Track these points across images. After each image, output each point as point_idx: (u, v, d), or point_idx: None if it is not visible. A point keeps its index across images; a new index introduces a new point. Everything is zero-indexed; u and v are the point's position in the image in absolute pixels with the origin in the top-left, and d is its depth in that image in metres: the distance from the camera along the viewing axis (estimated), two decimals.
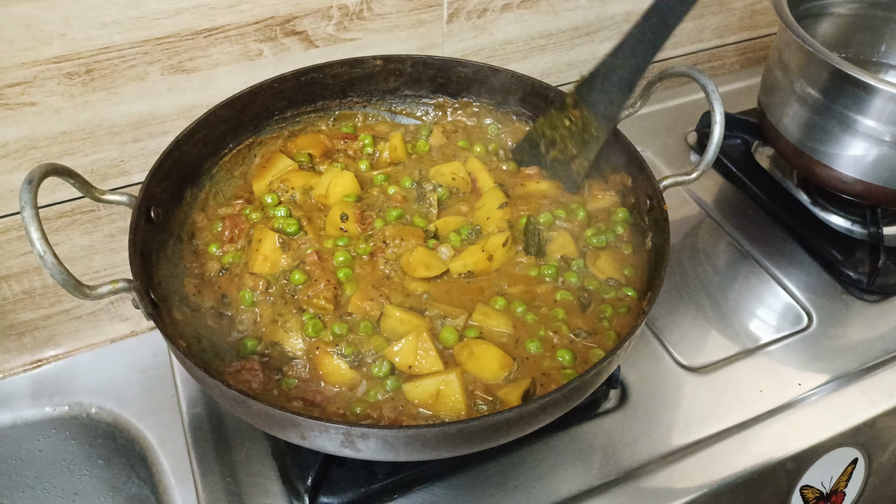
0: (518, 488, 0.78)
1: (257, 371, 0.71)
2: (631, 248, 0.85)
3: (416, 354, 0.72)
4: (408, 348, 0.72)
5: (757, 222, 1.09)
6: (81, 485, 1.08)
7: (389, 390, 0.71)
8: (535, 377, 0.72)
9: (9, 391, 1.01)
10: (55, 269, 0.60)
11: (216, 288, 0.79)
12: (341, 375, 0.72)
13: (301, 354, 0.74)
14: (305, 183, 0.89)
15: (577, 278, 0.81)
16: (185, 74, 0.92)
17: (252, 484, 0.77)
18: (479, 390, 0.70)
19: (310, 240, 0.82)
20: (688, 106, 1.26)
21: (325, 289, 0.77)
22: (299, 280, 0.78)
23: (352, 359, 0.73)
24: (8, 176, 0.89)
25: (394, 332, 0.74)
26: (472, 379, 0.71)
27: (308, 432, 0.61)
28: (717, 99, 0.77)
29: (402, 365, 0.72)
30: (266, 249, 0.80)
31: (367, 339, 0.74)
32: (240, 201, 0.88)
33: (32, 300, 1.01)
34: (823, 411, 0.87)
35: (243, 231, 0.84)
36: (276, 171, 0.90)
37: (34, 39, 0.81)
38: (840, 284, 1.01)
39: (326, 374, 0.72)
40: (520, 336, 0.75)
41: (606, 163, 0.90)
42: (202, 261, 0.82)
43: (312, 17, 0.95)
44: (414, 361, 0.72)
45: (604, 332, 0.76)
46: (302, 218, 0.84)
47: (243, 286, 0.78)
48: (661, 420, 0.85)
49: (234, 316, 0.77)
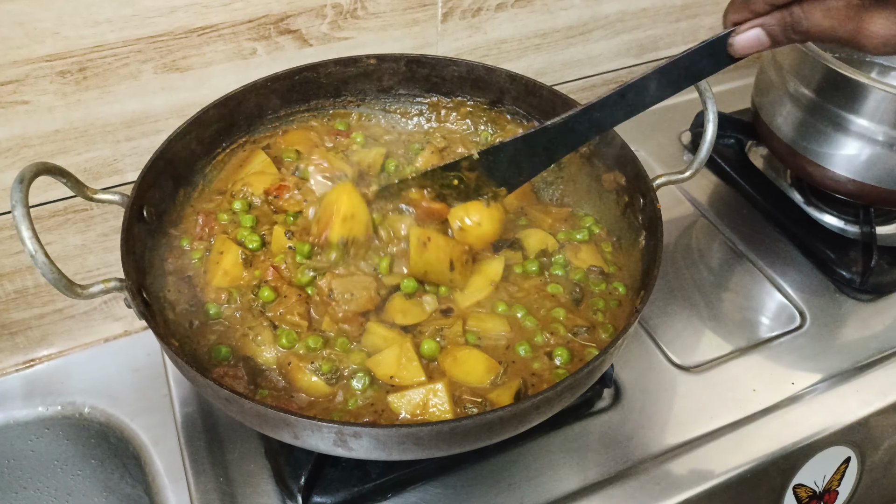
0: (512, 487, 0.78)
1: (241, 377, 0.71)
2: (611, 246, 0.85)
3: (399, 364, 0.71)
4: (391, 358, 0.71)
5: (751, 222, 1.09)
6: (75, 485, 1.08)
7: (369, 398, 0.70)
8: (526, 378, 0.72)
9: (1, 391, 1.00)
10: (46, 268, 0.60)
11: (186, 291, 0.78)
12: (317, 389, 0.71)
13: (275, 367, 0.72)
14: (269, 187, 0.86)
15: (562, 270, 0.81)
16: (178, 73, 0.91)
17: (245, 483, 0.77)
18: (466, 394, 0.70)
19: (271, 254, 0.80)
20: (681, 105, 1.26)
21: (296, 303, 0.75)
22: (268, 297, 0.75)
23: (329, 376, 0.71)
24: (0, 175, 0.89)
25: (375, 348, 0.73)
26: (458, 385, 0.71)
27: (300, 431, 0.61)
28: (710, 98, 0.77)
29: (384, 375, 0.71)
30: (227, 263, 0.77)
31: (346, 355, 0.73)
32: (220, 196, 0.86)
33: (25, 299, 1.00)
34: (817, 410, 0.87)
35: (213, 231, 0.82)
36: (251, 169, 0.88)
37: (27, 37, 0.81)
38: (833, 284, 1.01)
39: (302, 387, 0.71)
40: (516, 339, 0.75)
41: (600, 161, 0.90)
42: (175, 256, 0.80)
43: (306, 15, 0.95)
44: (397, 372, 0.71)
45: (600, 325, 0.77)
46: (267, 233, 0.81)
47: (207, 298, 0.76)
48: (655, 419, 0.85)
49: (203, 323, 0.76)
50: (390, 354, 0.71)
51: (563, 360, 0.73)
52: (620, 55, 1.25)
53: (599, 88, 1.26)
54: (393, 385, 0.71)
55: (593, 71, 1.24)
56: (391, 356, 0.71)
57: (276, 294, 0.75)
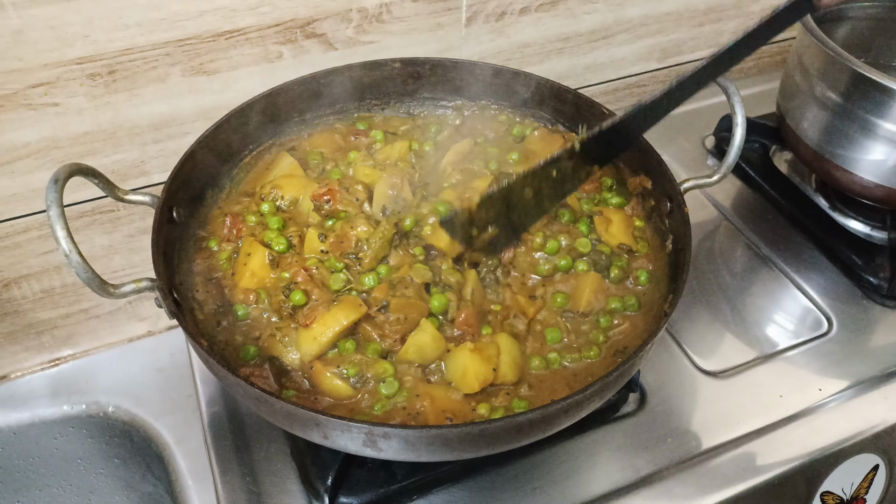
0: (537, 491, 0.78)
1: (267, 377, 0.71)
2: (642, 221, 0.86)
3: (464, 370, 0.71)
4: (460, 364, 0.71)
5: (775, 226, 1.08)
6: (97, 483, 1.09)
7: (400, 402, 0.70)
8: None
9: (27, 389, 1.02)
10: (80, 267, 0.60)
11: (214, 292, 0.78)
12: (341, 392, 0.70)
13: (299, 368, 0.72)
14: (299, 192, 0.86)
15: (588, 246, 0.82)
16: (205, 76, 0.92)
17: (271, 483, 0.78)
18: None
19: (299, 257, 0.79)
20: (705, 110, 1.25)
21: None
22: (300, 301, 0.75)
23: (355, 380, 0.71)
24: (30, 176, 0.90)
25: (421, 349, 0.72)
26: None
27: (330, 431, 0.61)
28: (738, 102, 0.77)
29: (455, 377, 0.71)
30: (254, 265, 0.78)
31: (374, 362, 0.72)
32: (248, 198, 0.87)
33: (52, 299, 1.01)
34: (844, 417, 0.86)
35: (240, 233, 0.82)
36: (278, 171, 0.89)
37: (58, 41, 0.82)
38: (860, 289, 1.00)
39: (326, 390, 0.71)
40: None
41: (625, 165, 0.90)
42: (203, 257, 0.81)
43: (332, 19, 0.95)
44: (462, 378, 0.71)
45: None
46: (294, 234, 0.81)
47: (235, 299, 0.77)
48: (681, 424, 0.84)
49: (231, 323, 0.76)
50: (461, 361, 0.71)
51: (594, 356, 0.74)
52: (643, 59, 1.24)
53: (622, 92, 1.26)
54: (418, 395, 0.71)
55: (616, 75, 1.24)
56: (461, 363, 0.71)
57: (307, 298, 0.75)
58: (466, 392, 0.70)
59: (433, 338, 0.72)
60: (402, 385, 0.71)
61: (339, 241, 0.79)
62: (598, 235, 0.85)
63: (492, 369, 0.71)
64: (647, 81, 1.28)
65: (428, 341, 0.72)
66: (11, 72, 0.81)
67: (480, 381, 0.70)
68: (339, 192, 0.83)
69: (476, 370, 0.70)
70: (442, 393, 0.70)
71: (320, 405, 0.70)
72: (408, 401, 0.69)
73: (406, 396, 0.70)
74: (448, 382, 0.72)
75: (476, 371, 0.70)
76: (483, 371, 0.70)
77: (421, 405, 0.69)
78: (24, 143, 0.87)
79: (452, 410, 0.69)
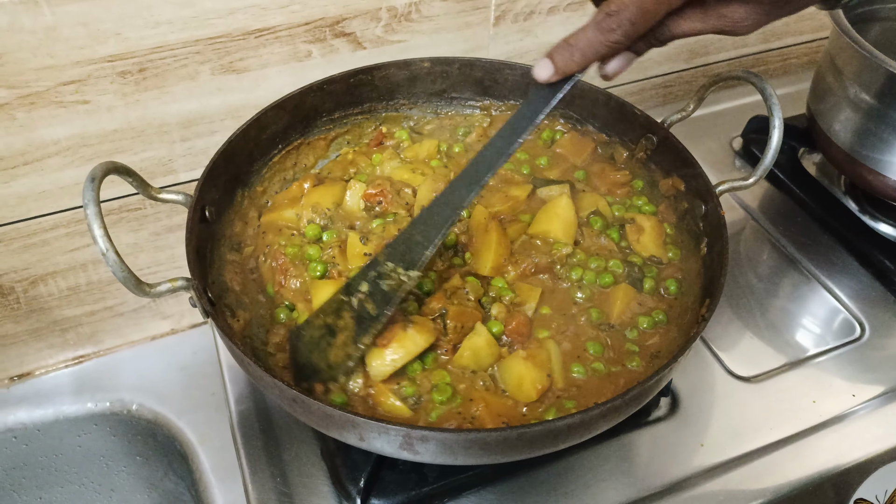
0: (568, 496, 0.77)
1: None
2: (673, 228, 0.85)
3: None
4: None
5: (805, 229, 1.07)
6: (119, 481, 1.09)
7: (453, 408, 0.69)
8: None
9: (51, 386, 1.02)
10: (117, 266, 0.60)
11: (249, 290, 0.78)
12: (400, 413, 0.69)
13: (362, 390, 0.70)
14: (338, 196, 0.86)
15: (622, 267, 0.81)
16: (235, 74, 0.92)
17: (302, 484, 0.77)
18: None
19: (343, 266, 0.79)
20: (732, 111, 1.24)
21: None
22: None
23: (413, 400, 0.70)
24: (59, 173, 0.90)
25: (476, 353, 0.71)
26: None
27: (367, 433, 0.60)
28: (775, 104, 0.76)
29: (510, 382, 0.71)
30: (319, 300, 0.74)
31: (432, 371, 0.71)
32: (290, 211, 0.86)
33: (77, 297, 1.01)
34: (878, 423, 0.85)
35: (286, 272, 0.80)
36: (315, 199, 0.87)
37: (89, 38, 0.82)
38: (892, 294, 0.99)
39: (385, 411, 0.69)
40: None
41: (657, 167, 0.89)
42: (235, 256, 0.81)
43: (361, 18, 0.95)
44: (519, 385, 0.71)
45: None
46: (333, 245, 0.80)
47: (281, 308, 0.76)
48: (713, 429, 0.83)
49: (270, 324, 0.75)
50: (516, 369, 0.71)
51: (637, 365, 0.73)
52: (670, 59, 1.23)
53: (648, 93, 1.25)
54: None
55: (643, 75, 1.23)
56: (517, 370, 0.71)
57: None
58: (525, 401, 0.69)
59: (488, 342, 0.72)
60: (456, 391, 0.70)
61: (382, 243, 0.78)
62: (629, 243, 0.84)
63: (546, 375, 0.71)
64: (673, 82, 1.27)
65: (483, 345, 0.71)
66: (44, 69, 0.81)
67: (538, 388, 0.69)
68: (390, 193, 0.82)
69: (532, 378, 0.70)
70: (496, 398, 0.70)
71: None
72: (462, 406, 0.69)
73: (460, 402, 0.69)
74: (502, 391, 0.71)
75: (533, 379, 0.70)
76: (539, 378, 0.70)
77: (476, 409, 0.68)
78: (54, 140, 0.87)
79: (507, 415, 0.69)
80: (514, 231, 0.84)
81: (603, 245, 0.83)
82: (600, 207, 0.86)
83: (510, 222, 0.85)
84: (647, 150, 0.90)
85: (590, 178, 0.92)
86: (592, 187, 0.91)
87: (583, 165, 0.93)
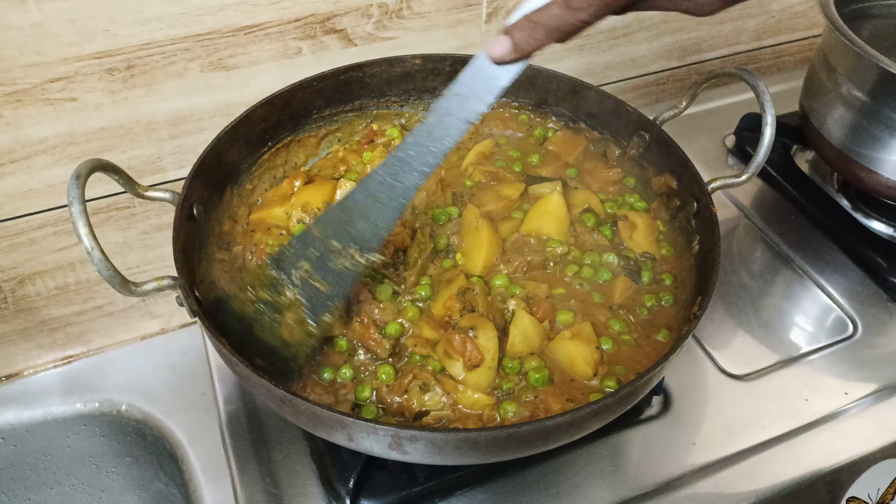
0: (560, 495, 0.77)
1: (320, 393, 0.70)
2: (665, 226, 0.85)
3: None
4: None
5: (797, 227, 1.07)
6: (109, 482, 1.08)
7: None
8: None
9: (40, 387, 1.01)
10: (102, 265, 0.59)
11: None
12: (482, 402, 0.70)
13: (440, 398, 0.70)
14: (319, 197, 0.84)
15: (617, 262, 0.82)
16: (224, 72, 0.91)
17: (291, 485, 0.76)
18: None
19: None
20: (725, 108, 1.24)
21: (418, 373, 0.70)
22: (388, 378, 0.71)
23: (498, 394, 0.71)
24: (46, 172, 0.89)
25: (525, 335, 0.73)
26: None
27: (355, 433, 0.60)
28: (768, 101, 0.75)
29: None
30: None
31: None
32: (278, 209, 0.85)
33: (66, 296, 1.01)
34: (870, 421, 0.85)
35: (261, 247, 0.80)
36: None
37: (78, 35, 0.81)
38: (885, 292, 0.98)
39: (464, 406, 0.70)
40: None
41: (649, 164, 0.89)
42: (223, 254, 0.80)
43: (352, 15, 0.94)
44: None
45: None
46: None
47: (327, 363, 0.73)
48: (705, 427, 0.83)
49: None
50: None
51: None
52: (663, 57, 1.23)
53: (641, 90, 1.25)
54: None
55: (635, 73, 1.22)
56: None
57: (394, 372, 0.72)
58: (583, 378, 0.71)
59: (532, 322, 0.73)
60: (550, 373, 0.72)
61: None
62: (622, 240, 0.84)
63: (595, 348, 0.72)
64: (666, 79, 1.27)
65: (528, 326, 0.73)
66: (31, 66, 0.80)
67: (591, 363, 0.71)
68: (377, 139, 0.82)
69: (584, 355, 0.71)
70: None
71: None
72: (533, 391, 0.70)
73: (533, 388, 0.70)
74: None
75: (584, 355, 0.71)
76: (590, 353, 0.72)
77: (539, 397, 0.70)
78: (41, 138, 0.86)
79: (570, 394, 0.70)
80: (507, 229, 0.83)
81: (595, 240, 0.83)
82: (592, 205, 0.86)
83: (502, 220, 0.84)
84: (639, 148, 0.89)
85: (582, 176, 0.92)
86: (585, 185, 0.91)
87: (575, 163, 0.93)
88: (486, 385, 0.70)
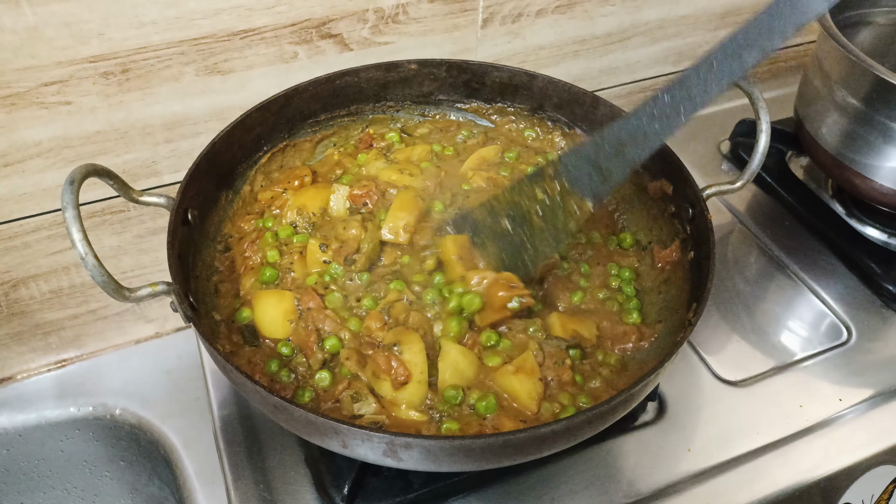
0: (555, 501, 0.77)
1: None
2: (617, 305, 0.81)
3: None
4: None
5: (792, 233, 1.07)
6: (102, 486, 1.08)
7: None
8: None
9: (34, 391, 1.00)
10: (96, 270, 0.59)
11: (228, 294, 0.78)
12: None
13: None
14: (324, 200, 0.84)
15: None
16: (219, 76, 0.91)
17: (286, 491, 0.76)
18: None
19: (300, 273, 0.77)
20: (720, 114, 1.24)
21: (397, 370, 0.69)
22: (334, 348, 0.71)
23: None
24: (41, 175, 0.88)
25: (455, 367, 0.70)
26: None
27: (350, 440, 0.59)
28: (763, 108, 0.75)
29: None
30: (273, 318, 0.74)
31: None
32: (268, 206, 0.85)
33: (60, 300, 1.00)
34: (865, 427, 0.85)
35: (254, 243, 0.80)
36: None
37: (72, 38, 0.81)
38: (879, 298, 0.99)
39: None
40: None
41: (645, 170, 0.89)
42: (218, 260, 0.80)
43: (348, 20, 0.94)
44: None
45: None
46: (296, 250, 0.79)
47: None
48: (700, 434, 0.83)
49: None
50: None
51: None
52: (659, 62, 1.23)
53: (637, 96, 1.25)
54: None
55: (631, 78, 1.23)
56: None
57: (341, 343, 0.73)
58: (532, 412, 0.68)
59: (461, 352, 0.71)
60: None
61: (340, 246, 0.78)
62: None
63: (538, 380, 0.70)
64: (662, 85, 1.27)
65: (458, 357, 0.70)
66: (25, 69, 0.80)
67: (535, 398, 0.69)
68: (376, 194, 0.82)
69: (528, 389, 0.69)
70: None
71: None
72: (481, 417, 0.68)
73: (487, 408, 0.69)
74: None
75: (528, 390, 0.69)
76: (533, 387, 0.69)
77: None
78: (35, 141, 0.86)
79: (523, 415, 0.68)
80: None
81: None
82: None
83: None
84: None
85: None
86: None
87: None
88: (419, 402, 0.68)
